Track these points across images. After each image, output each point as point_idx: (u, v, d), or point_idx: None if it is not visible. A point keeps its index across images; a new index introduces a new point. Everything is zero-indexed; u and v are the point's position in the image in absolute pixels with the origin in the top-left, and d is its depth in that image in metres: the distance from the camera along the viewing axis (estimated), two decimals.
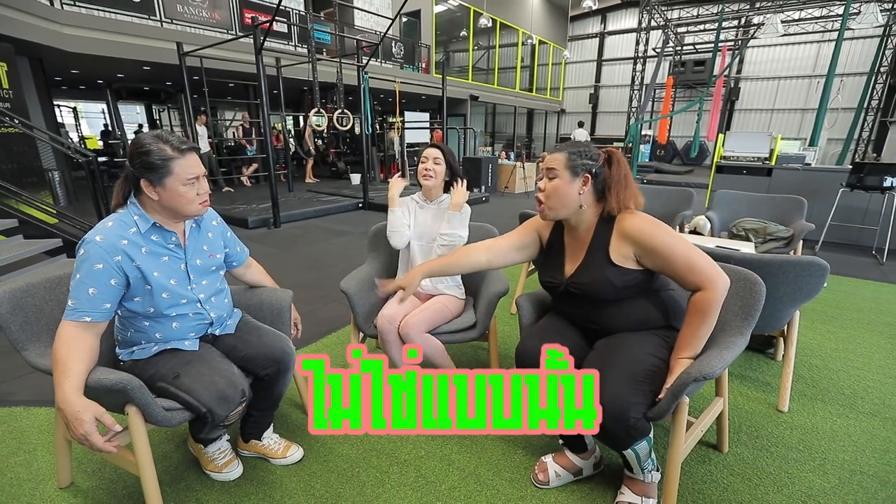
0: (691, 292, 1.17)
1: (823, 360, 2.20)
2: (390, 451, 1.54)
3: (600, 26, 17.48)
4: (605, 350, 1.22)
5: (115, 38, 5.93)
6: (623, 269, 1.22)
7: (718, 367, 1.08)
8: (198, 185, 1.18)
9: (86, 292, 1.08)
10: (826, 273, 1.61)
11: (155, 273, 1.18)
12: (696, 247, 1.16)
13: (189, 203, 1.18)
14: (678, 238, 1.17)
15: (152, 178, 1.13)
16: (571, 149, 1.25)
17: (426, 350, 1.57)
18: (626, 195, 1.22)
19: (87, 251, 1.10)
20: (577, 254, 1.31)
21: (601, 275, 1.23)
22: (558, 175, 1.24)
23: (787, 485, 1.40)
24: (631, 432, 1.10)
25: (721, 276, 1.13)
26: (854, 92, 12.25)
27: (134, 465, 1.17)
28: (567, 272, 1.33)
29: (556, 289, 1.35)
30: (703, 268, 1.13)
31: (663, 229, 1.18)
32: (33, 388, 1.93)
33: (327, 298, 3.00)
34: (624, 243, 1.22)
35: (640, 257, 1.21)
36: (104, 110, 13.88)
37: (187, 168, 1.15)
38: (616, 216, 1.23)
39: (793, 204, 3.27)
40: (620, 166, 1.23)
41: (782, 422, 1.71)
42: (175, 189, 1.15)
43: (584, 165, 1.23)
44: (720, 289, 1.12)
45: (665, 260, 1.16)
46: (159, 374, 1.21)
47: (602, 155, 1.24)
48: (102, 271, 1.10)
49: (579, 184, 1.23)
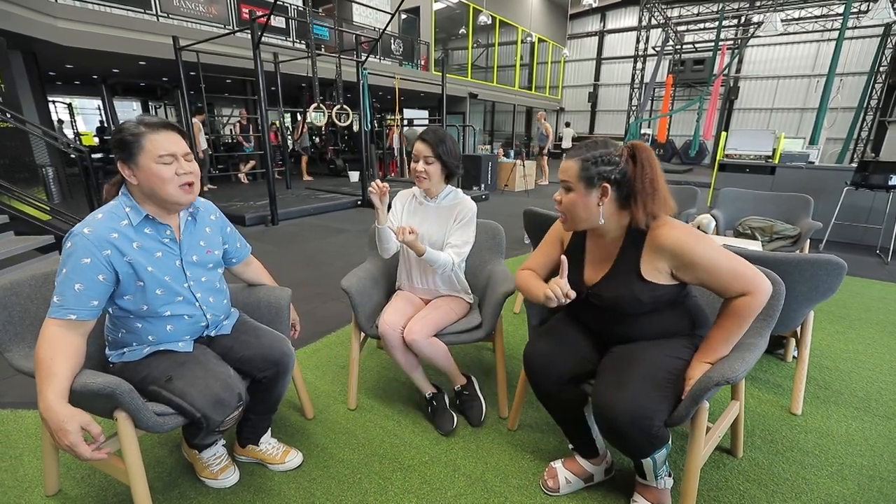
0: (729, 298, 1.09)
1: (834, 361, 2.15)
2: (393, 456, 1.48)
3: (599, 24, 17.44)
4: (625, 354, 1.16)
5: (110, 31, 5.84)
6: (654, 284, 1.12)
7: (741, 370, 1.03)
8: (176, 164, 1.09)
9: (72, 288, 1.02)
10: (843, 272, 1.56)
11: (148, 268, 1.11)
12: (734, 253, 1.09)
13: (165, 183, 1.08)
14: (719, 249, 1.07)
15: (125, 157, 1.07)
16: (586, 154, 1.09)
17: (430, 354, 1.51)
18: (654, 205, 1.07)
19: (73, 244, 1.03)
20: (601, 262, 1.21)
21: (628, 290, 1.13)
22: (573, 188, 1.11)
23: (804, 491, 1.35)
24: (652, 440, 1.05)
25: (766, 281, 1.05)
26: (852, 91, 12.26)
27: (124, 473, 1.10)
28: (588, 280, 1.23)
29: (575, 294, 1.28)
30: (747, 274, 1.05)
31: (704, 240, 1.07)
32: (21, 390, 1.85)
33: (326, 297, 2.93)
34: (659, 257, 1.10)
35: (677, 270, 1.10)
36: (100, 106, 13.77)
37: (158, 144, 1.06)
38: (647, 228, 1.11)
39: (799, 202, 3.22)
40: (646, 168, 1.06)
41: (796, 425, 1.66)
42: (148, 167, 1.07)
43: (600, 174, 1.07)
44: (765, 294, 1.05)
45: (708, 273, 1.06)
46: (151, 376, 1.14)
47: (624, 153, 1.09)
48: (90, 266, 1.03)
49: (597, 196, 1.10)
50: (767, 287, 1.06)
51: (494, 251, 1.90)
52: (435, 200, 1.65)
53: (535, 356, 1.27)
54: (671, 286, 1.14)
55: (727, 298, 1.10)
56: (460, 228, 1.60)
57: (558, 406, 1.29)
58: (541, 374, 1.26)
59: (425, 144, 1.54)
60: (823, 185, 4.37)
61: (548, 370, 1.24)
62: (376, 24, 10.30)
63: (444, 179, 1.62)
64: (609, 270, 1.18)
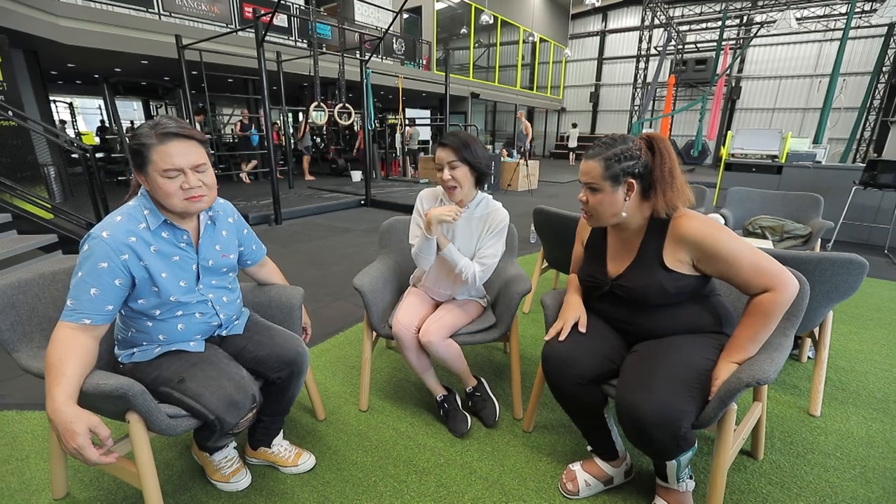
0: (753, 295, 1.07)
1: (849, 361, 2.12)
2: (407, 459, 1.45)
3: (601, 24, 17.42)
4: (651, 352, 1.13)
5: (112, 30, 5.82)
6: (677, 273, 1.11)
7: (772, 371, 1.00)
8: (182, 178, 1.03)
9: (87, 292, 0.99)
10: (865, 271, 1.53)
11: (163, 274, 1.08)
12: (757, 248, 1.06)
13: (167, 197, 1.03)
14: (741, 241, 1.06)
15: (137, 165, 1.04)
16: (607, 153, 1.10)
17: (445, 356, 1.48)
18: (673, 194, 1.09)
19: (91, 248, 1.00)
20: (624, 254, 1.21)
21: (653, 280, 1.12)
22: (599, 188, 1.11)
23: (829, 495, 1.32)
24: (680, 442, 1.02)
25: (791, 278, 1.03)
26: (854, 91, 12.25)
27: (135, 476, 1.07)
28: (611, 272, 1.23)
29: (598, 288, 1.26)
30: (771, 269, 1.03)
31: (726, 233, 1.07)
32: (26, 391, 1.83)
33: (333, 296, 2.91)
34: (680, 248, 1.10)
35: (699, 262, 1.10)
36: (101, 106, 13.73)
37: (166, 157, 1.01)
38: (669, 218, 1.11)
39: (809, 201, 3.19)
40: (664, 156, 1.09)
41: (815, 427, 1.63)
42: (154, 179, 1.02)
43: (625, 170, 1.08)
44: (791, 290, 1.02)
45: (729, 266, 1.05)
46: (162, 377, 1.11)
47: (642, 145, 1.10)
48: (107, 270, 1.00)
49: (623, 191, 1.11)
50: (793, 283, 1.03)
51: (508, 251, 1.87)
52: (466, 211, 1.50)
53: (555, 356, 1.23)
54: (694, 277, 1.13)
55: (751, 295, 1.07)
56: (493, 238, 1.49)
57: (578, 407, 1.26)
58: (561, 375, 1.22)
59: (447, 150, 1.41)
60: (830, 184, 4.34)
61: (568, 370, 1.21)
62: (378, 23, 10.29)
63: (476, 184, 1.48)
64: (633, 261, 1.17)
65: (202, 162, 1.07)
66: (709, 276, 1.15)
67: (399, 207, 6.12)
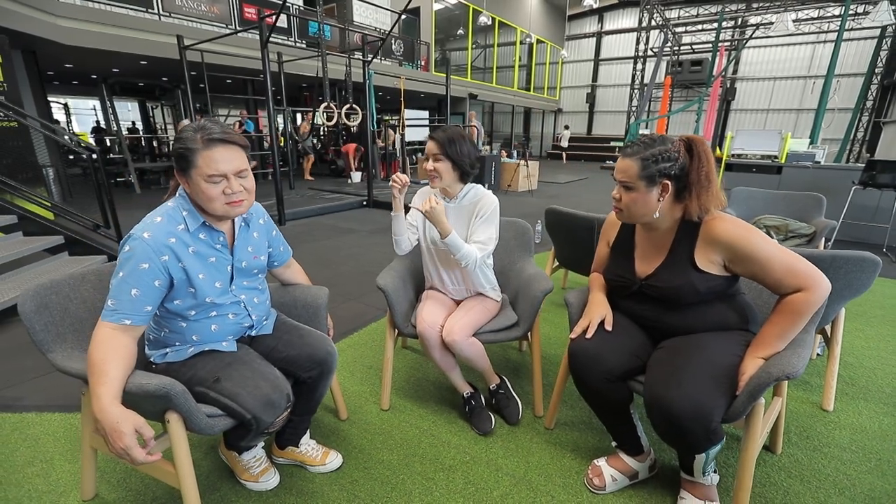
0: (784, 294, 1.09)
1: (857, 357, 2.16)
2: (433, 457, 1.46)
3: (597, 26, 17.53)
4: (680, 349, 1.15)
5: (112, 31, 5.79)
6: (709, 274, 1.14)
7: (801, 365, 1.03)
8: (225, 183, 1.05)
9: (128, 293, 1.00)
10: (878, 268, 1.56)
11: (200, 275, 1.09)
12: (788, 249, 1.09)
13: (211, 200, 1.05)
14: (772, 242, 1.09)
15: (181, 168, 1.05)
16: (645, 153, 1.10)
17: (469, 354, 1.50)
18: (707, 198, 1.10)
19: (133, 249, 1.00)
20: (654, 254, 1.23)
21: (686, 280, 1.14)
22: (633, 187, 1.13)
23: (847, 487, 1.35)
24: (711, 436, 1.04)
25: (824, 278, 1.06)
26: (847, 93, 12.41)
27: (172, 475, 1.08)
28: (640, 272, 1.25)
29: (626, 288, 1.28)
30: (804, 270, 1.06)
31: (758, 235, 1.09)
32: (45, 392, 1.82)
33: (344, 297, 2.91)
34: (713, 249, 1.13)
35: (731, 263, 1.12)
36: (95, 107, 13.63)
37: (210, 162, 1.02)
38: (700, 220, 1.13)
39: (811, 201, 3.24)
40: (702, 161, 1.10)
41: (829, 421, 1.67)
42: (197, 184, 1.04)
43: (661, 171, 1.10)
44: (823, 290, 1.05)
45: (762, 267, 1.08)
46: (197, 377, 1.12)
47: (681, 148, 1.11)
48: (148, 271, 1.01)
49: (657, 192, 1.12)
50: (826, 283, 1.06)
51: (523, 250, 1.90)
52: (455, 201, 1.60)
53: (583, 353, 1.25)
54: (724, 277, 1.15)
55: (782, 294, 1.10)
56: (483, 223, 1.55)
57: (605, 404, 1.28)
58: (588, 371, 1.24)
59: (434, 143, 1.51)
60: (829, 184, 4.40)
61: (596, 367, 1.23)
62: (376, 24, 10.29)
63: (459, 179, 1.56)
64: (664, 261, 1.19)
65: (244, 168, 1.08)
66: (738, 276, 1.17)
67: None
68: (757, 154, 5.13)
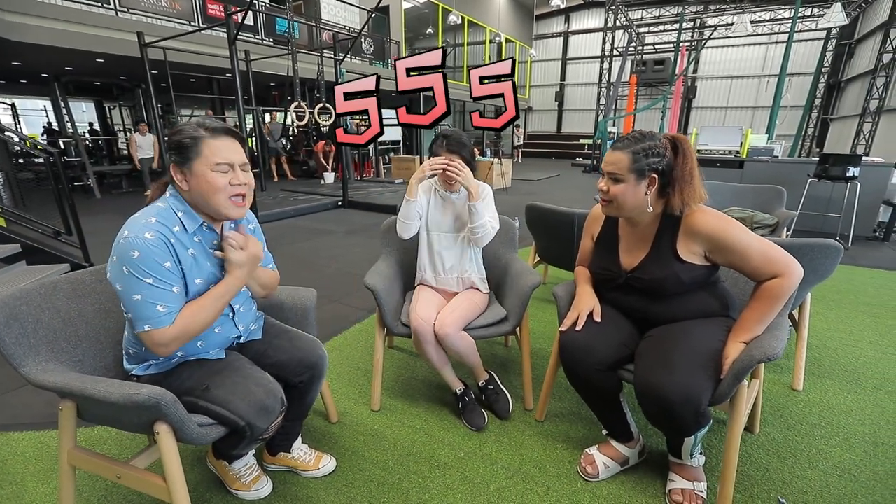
0: (761, 281, 1.14)
1: (820, 339, 2.30)
2: (428, 455, 1.46)
3: (564, 26, 17.88)
4: (666, 336, 1.19)
5: (64, 27, 5.47)
6: (691, 265, 1.19)
7: (779, 347, 1.08)
8: (231, 174, 1.04)
9: (171, 292, 0.99)
10: (840, 255, 1.67)
11: (197, 280, 1.05)
12: (763, 237, 1.15)
13: (216, 192, 1.02)
14: (749, 233, 1.14)
15: (180, 160, 1.01)
16: (636, 147, 1.15)
17: (460, 349, 1.50)
18: (690, 192, 1.15)
19: (142, 254, 0.95)
20: (637, 247, 1.27)
21: (669, 271, 1.19)
22: (622, 179, 1.17)
23: (820, 461, 1.43)
24: (700, 419, 1.08)
25: (797, 264, 1.12)
26: (797, 91, 13.14)
27: (163, 489, 1.03)
28: (625, 265, 1.29)
29: (612, 280, 1.31)
30: (779, 257, 1.11)
31: (735, 225, 1.14)
32: (11, 410, 1.71)
33: (326, 299, 2.86)
34: (693, 241, 1.18)
35: (711, 253, 1.18)
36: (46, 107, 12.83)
37: (217, 150, 1.01)
38: (681, 214, 1.18)
39: (773, 193, 3.42)
40: (687, 157, 1.15)
41: (800, 400, 1.76)
42: (203, 174, 1.01)
43: (650, 165, 1.14)
44: (797, 275, 1.11)
45: (741, 256, 1.13)
46: (185, 387, 1.08)
47: (667, 144, 1.16)
48: (172, 269, 0.99)
49: (645, 185, 1.17)
50: (799, 269, 1.12)
51: (508, 245, 1.92)
52: (458, 193, 1.68)
53: (573, 344, 1.28)
54: (705, 267, 1.21)
55: (759, 281, 1.16)
56: (485, 207, 1.63)
57: (596, 393, 1.31)
58: (579, 363, 1.27)
59: (454, 155, 1.58)
60: (787, 177, 4.65)
61: (586, 358, 1.26)
62: (345, 21, 10.15)
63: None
64: (648, 254, 1.24)
65: (246, 161, 1.07)
66: (718, 266, 1.22)
67: (377, 208, 6.07)
68: (720, 150, 5.36)
